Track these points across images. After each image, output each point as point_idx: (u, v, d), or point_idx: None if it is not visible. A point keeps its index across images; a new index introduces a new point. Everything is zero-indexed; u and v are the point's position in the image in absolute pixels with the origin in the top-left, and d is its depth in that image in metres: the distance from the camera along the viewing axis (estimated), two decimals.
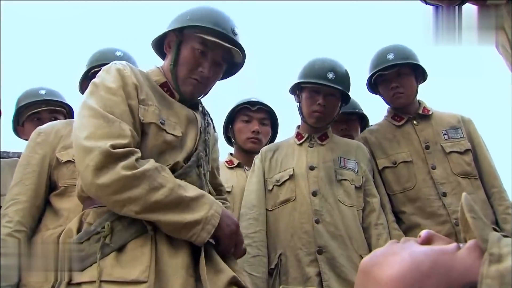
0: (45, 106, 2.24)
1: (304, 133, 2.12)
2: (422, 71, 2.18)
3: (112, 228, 1.14)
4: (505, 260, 0.46)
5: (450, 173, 2.01)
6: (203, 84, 1.40)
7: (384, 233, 1.89)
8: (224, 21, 1.40)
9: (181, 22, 1.40)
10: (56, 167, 1.79)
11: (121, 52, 2.05)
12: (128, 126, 1.17)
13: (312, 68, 2.03)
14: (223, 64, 1.44)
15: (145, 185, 1.10)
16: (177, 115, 1.36)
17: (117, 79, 1.25)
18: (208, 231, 1.17)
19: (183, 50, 1.39)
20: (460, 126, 2.14)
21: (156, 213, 1.12)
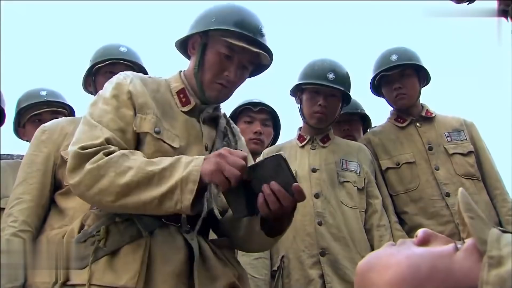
0: (46, 107, 2.25)
1: (306, 135, 2.13)
2: (425, 73, 2.20)
3: (108, 232, 1.15)
4: (506, 262, 0.45)
5: (454, 174, 2.04)
6: (228, 88, 1.36)
7: (387, 234, 1.90)
8: (251, 23, 1.34)
9: (206, 24, 1.35)
10: (61, 166, 1.76)
11: (125, 48, 2.03)
12: (109, 132, 1.17)
13: (312, 69, 2.04)
14: (249, 67, 1.40)
15: (111, 172, 1.08)
16: (180, 127, 1.31)
17: (113, 88, 1.26)
18: (190, 190, 1.05)
19: (208, 53, 1.34)
20: (463, 129, 2.17)
21: (130, 196, 1.07)
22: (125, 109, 1.23)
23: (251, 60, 1.37)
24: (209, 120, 1.39)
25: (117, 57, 1.96)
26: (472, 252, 0.48)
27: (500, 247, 0.46)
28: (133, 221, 1.16)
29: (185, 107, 1.35)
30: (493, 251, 0.46)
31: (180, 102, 1.35)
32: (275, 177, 1.04)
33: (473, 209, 0.51)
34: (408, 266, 0.50)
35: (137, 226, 1.15)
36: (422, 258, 0.50)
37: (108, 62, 1.94)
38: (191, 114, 1.35)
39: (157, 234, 1.17)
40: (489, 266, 0.45)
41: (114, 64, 1.95)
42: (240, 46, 1.29)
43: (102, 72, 1.96)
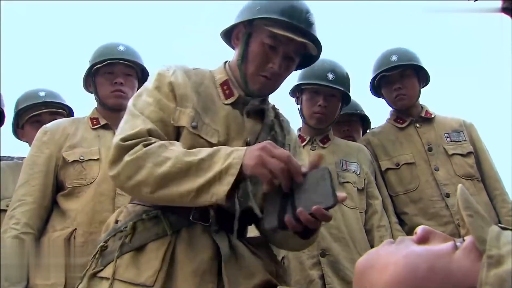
0: (45, 108, 2.25)
1: (305, 135, 2.14)
2: (425, 74, 2.22)
3: (135, 228, 1.15)
4: (505, 262, 0.44)
5: (453, 174, 2.06)
6: (272, 81, 1.29)
7: (387, 235, 1.92)
8: (298, 10, 1.27)
9: (250, 13, 1.29)
10: (63, 167, 1.79)
11: (124, 46, 2.01)
12: (151, 123, 1.16)
13: (312, 69, 2.04)
14: (295, 58, 1.32)
15: (149, 163, 1.06)
16: (221, 122, 1.26)
17: (155, 80, 1.25)
18: (227, 182, 1.01)
19: (252, 44, 1.28)
20: (462, 130, 2.19)
21: (168, 187, 1.05)
22: (167, 101, 1.21)
23: (298, 51, 1.30)
24: (254, 113, 1.32)
25: (115, 57, 1.95)
26: (471, 251, 0.48)
27: (499, 246, 0.46)
28: (160, 219, 1.15)
29: (228, 100, 1.30)
30: (493, 250, 0.45)
31: (223, 94, 1.31)
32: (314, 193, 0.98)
33: (472, 207, 0.51)
34: (406, 265, 0.50)
35: (164, 224, 1.15)
36: (420, 258, 0.50)
37: (107, 63, 1.93)
38: (235, 107, 1.30)
39: (183, 233, 1.15)
40: (488, 265, 0.45)
41: (113, 64, 1.94)
42: (285, 36, 1.23)
43: (101, 73, 1.96)
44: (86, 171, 1.79)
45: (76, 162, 1.79)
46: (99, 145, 1.87)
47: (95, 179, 1.78)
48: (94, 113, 2.00)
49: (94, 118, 1.97)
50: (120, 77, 1.95)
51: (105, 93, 1.95)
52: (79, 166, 1.79)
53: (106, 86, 1.95)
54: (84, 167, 1.79)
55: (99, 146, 1.87)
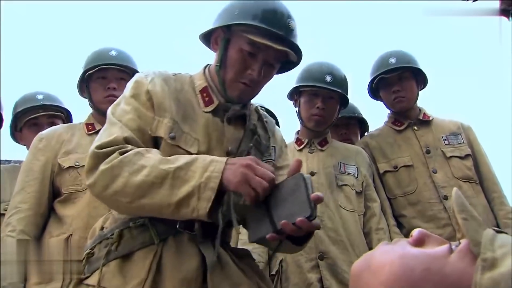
0: (42, 111, 2.26)
1: (303, 138, 2.15)
2: (423, 76, 2.24)
3: (121, 236, 1.15)
4: (499, 264, 0.45)
5: (451, 177, 2.07)
6: (252, 87, 1.27)
7: (385, 237, 1.92)
8: (278, 16, 1.23)
9: (229, 18, 1.25)
10: (59, 173, 1.80)
11: (116, 51, 2.02)
12: (128, 131, 1.14)
13: (310, 72, 2.06)
14: (275, 64, 1.29)
15: (125, 172, 1.05)
16: (201, 130, 1.24)
17: (132, 88, 1.23)
18: (207, 198, 1.00)
19: (230, 50, 1.25)
20: (460, 132, 2.20)
21: (146, 197, 1.04)
22: (144, 109, 1.19)
23: (277, 57, 1.27)
24: (236, 119, 1.30)
25: (107, 62, 1.96)
26: (466, 254, 0.49)
27: (494, 249, 0.46)
28: (147, 227, 1.15)
29: (207, 107, 1.28)
30: (487, 253, 0.46)
31: (203, 101, 1.28)
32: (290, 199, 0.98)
33: (467, 210, 0.51)
34: (402, 266, 0.50)
35: (150, 233, 1.14)
36: (416, 259, 0.50)
37: (99, 68, 1.94)
38: (215, 114, 1.28)
39: (170, 242, 1.15)
40: (482, 268, 0.45)
41: (106, 69, 1.95)
42: (264, 44, 1.20)
43: (94, 78, 1.97)
44: (81, 176, 1.79)
45: (72, 168, 1.81)
46: None
47: None
48: (90, 119, 2.01)
49: (90, 123, 1.99)
50: (113, 82, 1.95)
51: (99, 99, 1.97)
52: (74, 172, 1.80)
53: (100, 92, 1.96)
54: (79, 173, 1.80)
55: None
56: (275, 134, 1.45)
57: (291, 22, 1.25)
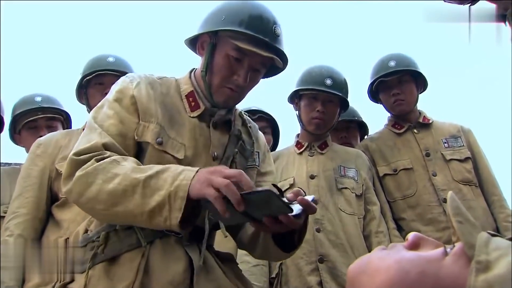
0: (41, 113, 2.27)
1: (304, 141, 2.17)
2: (423, 80, 2.26)
3: (107, 239, 1.15)
4: (493, 267, 0.45)
5: (451, 180, 2.09)
6: (238, 93, 1.28)
7: (385, 240, 1.94)
8: (264, 22, 1.25)
9: (215, 23, 1.26)
10: (56, 178, 1.81)
11: (113, 58, 2.07)
12: (108, 136, 1.14)
13: (310, 75, 2.08)
14: (261, 69, 1.31)
15: (99, 179, 1.05)
16: (187, 135, 1.25)
17: (117, 92, 1.23)
18: (178, 208, 0.99)
19: (217, 55, 1.26)
20: (460, 135, 2.22)
21: (119, 205, 1.03)
22: (128, 114, 1.19)
23: (263, 63, 1.29)
24: (221, 124, 1.32)
25: (105, 68, 2.00)
26: (461, 257, 0.49)
27: (488, 252, 0.47)
28: (133, 230, 1.15)
29: (194, 112, 1.29)
30: (481, 256, 0.47)
31: (189, 106, 1.29)
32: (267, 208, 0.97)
33: (462, 213, 0.52)
34: (397, 270, 0.51)
35: (137, 235, 1.15)
36: (411, 263, 0.51)
37: (96, 74, 1.99)
38: (201, 119, 1.29)
39: (157, 244, 1.16)
40: (476, 271, 0.46)
41: (103, 75, 2.00)
42: (250, 50, 1.21)
43: (92, 84, 2.02)
44: None
45: None
46: None
47: None
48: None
49: None
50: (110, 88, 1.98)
51: (96, 104, 1.98)
52: None
53: (97, 97, 1.98)
54: None
55: None
56: (259, 139, 1.46)
57: (277, 29, 1.27)
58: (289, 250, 1.19)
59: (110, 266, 1.12)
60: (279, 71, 1.42)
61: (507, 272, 0.44)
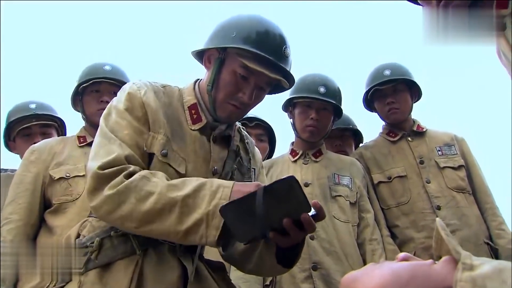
0: (35, 120, 2.31)
1: (298, 149, 2.21)
2: (417, 89, 2.32)
3: (101, 245, 1.16)
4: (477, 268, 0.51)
5: (445, 187, 2.14)
6: (241, 110, 1.31)
7: (379, 248, 1.98)
8: (274, 43, 1.27)
9: (225, 39, 1.28)
10: (50, 185, 1.87)
11: (110, 66, 2.12)
12: (127, 148, 1.15)
13: (303, 83, 2.13)
14: (266, 88, 1.33)
15: (132, 198, 1.07)
16: (188, 149, 1.27)
17: (126, 100, 1.23)
18: (216, 226, 1.04)
19: (224, 71, 1.28)
20: (454, 144, 2.28)
21: (154, 223, 1.07)
22: (139, 124, 1.21)
23: (269, 83, 1.32)
24: (221, 139, 1.35)
25: (101, 76, 2.05)
26: (448, 263, 0.56)
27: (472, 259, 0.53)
28: (128, 237, 1.16)
29: (195, 125, 1.30)
30: (466, 260, 0.53)
31: (191, 118, 1.31)
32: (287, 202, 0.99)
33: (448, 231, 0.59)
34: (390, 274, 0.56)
35: (132, 243, 1.16)
36: (403, 268, 0.57)
37: (92, 82, 2.04)
38: (202, 132, 1.31)
39: (151, 252, 1.17)
40: (462, 269, 0.52)
41: (99, 82, 2.05)
42: (258, 70, 1.23)
43: (88, 92, 2.07)
44: (72, 187, 1.87)
45: (62, 179, 1.88)
46: (85, 162, 1.91)
47: (81, 195, 1.85)
48: (82, 132, 2.10)
49: (81, 136, 2.07)
50: (106, 96, 2.05)
51: (92, 111, 2.06)
52: (65, 183, 1.87)
53: (93, 105, 2.05)
54: (70, 183, 1.88)
55: (85, 162, 1.92)
56: (255, 156, 1.49)
57: (286, 50, 1.29)
58: (289, 265, 1.21)
59: (103, 273, 1.13)
60: (284, 89, 1.46)
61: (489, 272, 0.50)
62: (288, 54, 1.30)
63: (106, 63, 2.14)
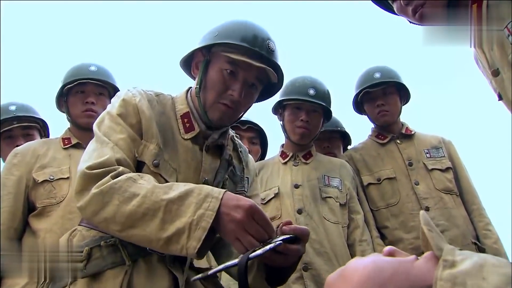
0: (16, 122, 2.36)
1: (288, 151, 2.32)
2: (406, 92, 2.46)
3: (90, 255, 1.17)
4: (458, 265, 0.53)
5: (433, 188, 2.27)
6: (233, 109, 1.33)
7: (369, 249, 2.10)
8: (257, 36, 1.32)
9: (208, 40, 1.34)
10: (33, 188, 1.90)
11: (95, 67, 2.16)
12: (120, 151, 1.19)
13: (293, 86, 2.24)
14: (257, 85, 1.36)
15: (115, 199, 1.08)
16: (179, 159, 1.30)
17: (121, 106, 1.27)
18: (198, 237, 1.02)
19: (210, 71, 1.33)
20: (441, 147, 2.43)
21: (136, 227, 1.06)
22: (133, 130, 1.25)
23: (259, 77, 1.34)
24: (214, 148, 1.39)
25: (86, 77, 2.09)
26: (430, 260, 0.58)
27: (454, 255, 0.56)
28: (117, 248, 1.19)
29: (188, 134, 1.34)
30: (448, 256, 0.55)
31: (183, 127, 1.35)
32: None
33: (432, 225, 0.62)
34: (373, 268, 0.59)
35: (121, 253, 1.18)
36: (386, 263, 0.60)
37: (78, 82, 2.08)
38: (194, 141, 1.35)
39: (140, 262, 1.20)
40: (443, 267, 0.54)
41: (85, 83, 2.09)
42: (243, 61, 1.27)
43: (73, 93, 2.11)
44: (56, 190, 1.90)
45: (46, 182, 1.91)
46: (69, 164, 1.99)
47: (65, 198, 1.89)
48: (67, 133, 2.14)
49: (66, 138, 2.11)
50: (92, 97, 2.10)
51: (77, 113, 2.10)
52: (49, 186, 1.90)
53: (78, 106, 2.10)
54: (54, 186, 1.91)
55: (70, 165, 1.99)
56: (248, 164, 1.54)
57: (270, 43, 1.34)
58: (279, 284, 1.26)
59: (92, 282, 1.15)
60: (274, 91, 1.51)
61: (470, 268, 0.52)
62: (273, 47, 1.34)
63: (92, 63, 2.18)
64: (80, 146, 2.08)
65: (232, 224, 1.04)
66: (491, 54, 1.08)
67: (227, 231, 1.04)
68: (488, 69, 1.13)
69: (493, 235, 2.21)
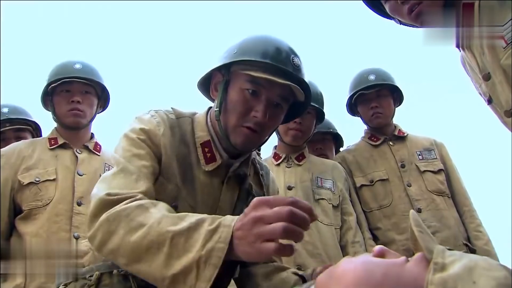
0: (9, 125, 2.40)
1: (281, 153, 2.37)
2: (399, 94, 2.53)
3: (100, 280, 1.15)
4: (448, 268, 0.55)
5: (425, 190, 2.34)
6: (257, 132, 1.23)
7: (361, 250, 2.14)
8: (279, 51, 1.22)
9: (227, 58, 1.24)
10: (19, 190, 1.93)
11: (80, 64, 2.14)
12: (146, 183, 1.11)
13: None
14: (282, 104, 1.26)
15: (121, 228, 0.99)
16: (197, 195, 1.23)
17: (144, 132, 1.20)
18: (207, 278, 0.88)
19: (230, 92, 1.24)
20: (433, 148, 2.50)
21: (140, 262, 0.96)
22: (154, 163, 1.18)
23: (283, 96, 1.24)
24: (234, 177, 1.31)
25: (71, 76, 2.08)
26: (420, 262, 0.60)
27: (444, 257, 0.57)
28: (128, 278, 1.15)
29: (209, 166, 1.26)
30: (438, 259, 0.57)
31: (204, 157, 1.26)
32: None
33: (422, 226, 0.64)
34: (363, 270, 0.60)
35: (131, 284, 1.14)
36: (376, 265, 0.61)
37: (62, 81, 2.07)
38: (214, 173, 1.27)
39: None
40: (434, 270, 0.56)
41: (70, 82, 2.08)
42: (264, 78, 1.18)
43: (58, 92, 2.11)
44: (42, 192, 1.93)
45: (32, 184, 1.93)
46: (56, 165, 2.02)
47: (51, 200, 1.92)
48: (53, 133, 2.16)
49: (53, 138, 2.12)
50: (77, 96, 2.10)
51: (62, 112, 2.11)
52: (35, 188, 1.93)
53: (63, 105, 2.10)
54: (40, 188, 1.93)
55: (56, 166, 2.02)
56: (270, 188, 1.46)
57: (295, 59, 1.24)
58: None
59: None
60: (302, 110, 1.40)
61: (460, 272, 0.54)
62: (298, 63, 1.24)
63: (77, 61, 2.16)
64: (67, 146, 2.10)
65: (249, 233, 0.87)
66: (482, 58, 1.10)
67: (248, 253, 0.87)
68: (478, 73, 1.15)
69: (484, 236, 2.27)
